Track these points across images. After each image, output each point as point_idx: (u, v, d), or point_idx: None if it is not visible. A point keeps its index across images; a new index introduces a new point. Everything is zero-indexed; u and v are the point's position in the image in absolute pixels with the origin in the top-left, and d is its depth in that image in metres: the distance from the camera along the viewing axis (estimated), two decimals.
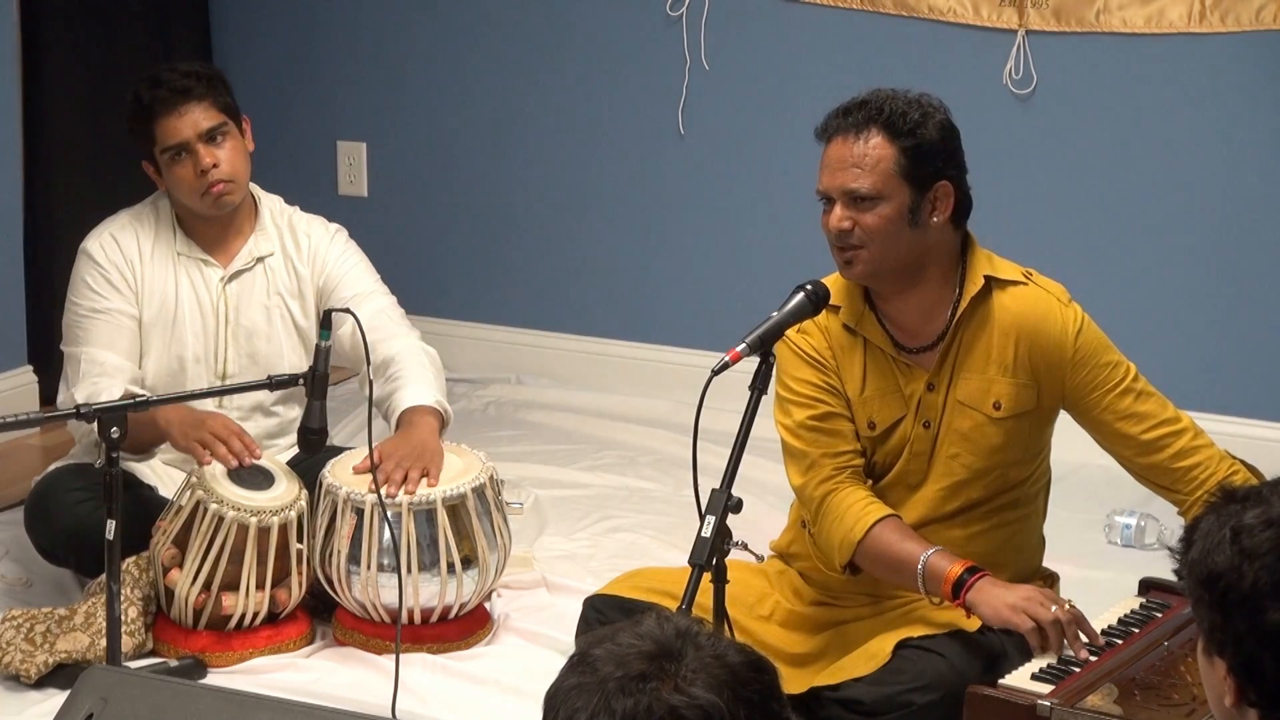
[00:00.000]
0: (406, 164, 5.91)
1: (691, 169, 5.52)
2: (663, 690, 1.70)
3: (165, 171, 4.01)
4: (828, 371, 3.30)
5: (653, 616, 1.79)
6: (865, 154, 3.16)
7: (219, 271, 4.09)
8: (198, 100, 3.99)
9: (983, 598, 3.13)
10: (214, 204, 4.01)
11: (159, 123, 3.98)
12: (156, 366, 4.04)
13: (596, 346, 5.74)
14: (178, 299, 4.06)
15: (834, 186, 3.19)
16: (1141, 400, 3.25)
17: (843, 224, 3.18)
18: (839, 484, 3.27)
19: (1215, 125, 4.90)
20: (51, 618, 3.75)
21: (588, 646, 1.77)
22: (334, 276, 4.12)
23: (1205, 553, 1.91)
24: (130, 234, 4.08)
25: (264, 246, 4.11)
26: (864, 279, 3.23)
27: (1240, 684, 1.89)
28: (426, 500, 3.77)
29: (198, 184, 3.98)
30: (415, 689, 3.63)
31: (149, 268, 4.06)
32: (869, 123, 3.18)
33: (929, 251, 3.22)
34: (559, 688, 1.75)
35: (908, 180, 3.17)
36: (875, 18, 5.20)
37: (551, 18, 5.63)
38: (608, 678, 1.72)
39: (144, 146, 4.04)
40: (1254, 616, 1.86)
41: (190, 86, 3.99)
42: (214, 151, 3.98)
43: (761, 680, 1.75)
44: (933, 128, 3.20)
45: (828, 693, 3.22)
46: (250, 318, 4.09)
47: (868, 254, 3.18)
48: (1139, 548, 4.48)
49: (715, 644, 1.76)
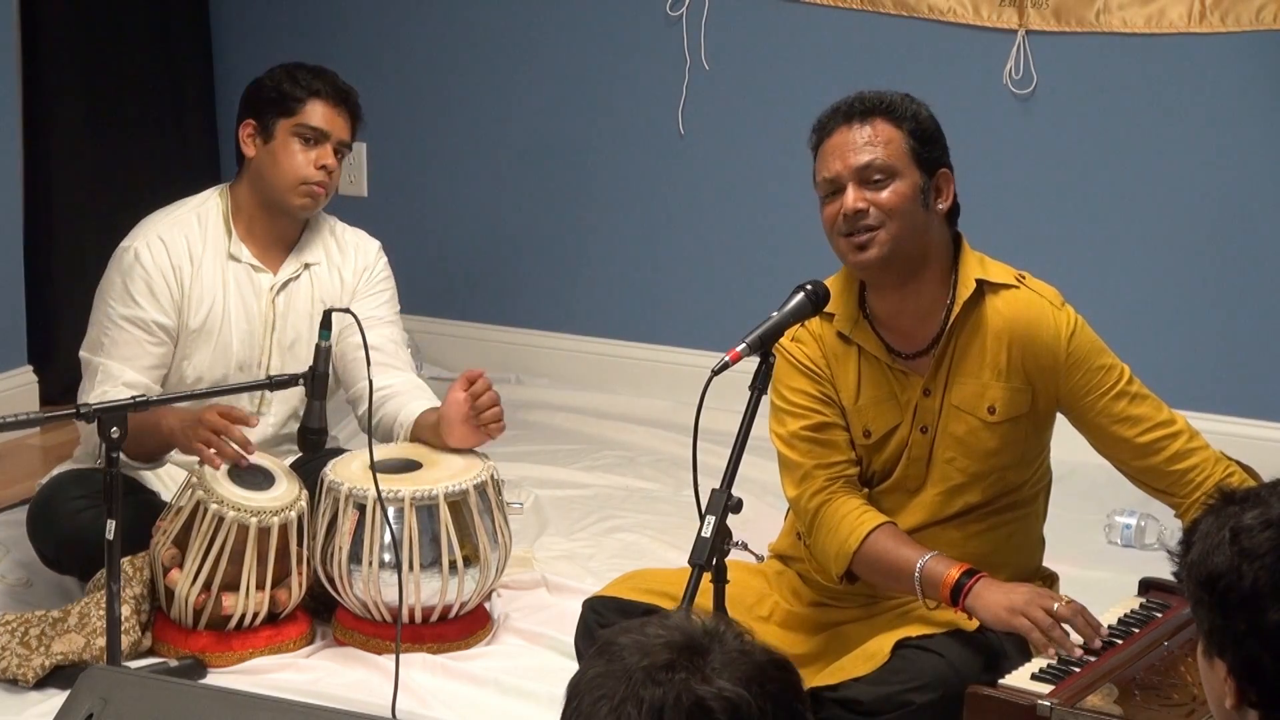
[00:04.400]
0: (406, 164, 5.92)
1: (691, 169, 5.52)
2: (691, 681, 1.70)
3: (280, 145, 4.00)
4: (822, 381, 3.29)
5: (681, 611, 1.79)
6: (875, 134, 3.17)
7: (269, 279, 4.07)
8: (351, 113, 4.09)
9: (981, 602, 3.13)
10: (305, 200, 4.02)
11: (313, 102, 4.02)
12: (199, 373, 4.01)
13: (596, 346, 5.74)
14: (226, 306, 4.03)
15: (845, 168, 3.16)
16: (1136, 403, 3.24)
17: (858, 204, 3.14)
18: (833, 494, 3.26)
19: (1215, 125, 4.90)
20: (45, 620, 3.74)
21: (614, 636, 1.77)
22: (367, 290, 4.13)
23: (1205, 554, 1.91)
24: (180, 237, 4.02)
25: (311, 253, 4.11)
26: (877, 265, 3.17)
27: (1240, 685, 1.89)
28: (429, 495, 3.77)
29: (306, 173, 3.99)
30: (415, 689, 3.63)
31: (198, 273, 4.01)
32: (869, 112, 3.18)
33: (932, 244, 3.21)
34: (583, 676, 1.75)
35: (916, 161, 3.18)
36: (875, 18, 5.20)
37: (551, 18, 5.63)
38: (634, 667, 1.71)
39: (270, 112, 4.02)
40: (1254, 617, 1.86)
41: (351, 97, 4.10)
42: (336, 161, 4.04)
43: (786, 679, 1.75)
44: (928, 118, 3.22)
45: (827, 693, 3.22)
46: (295, 326, 4.08)
47: (884, 234, 3.15)
48: (1139, 548, 4.48)
49: (742, 641, 1.75)
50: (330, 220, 4.20)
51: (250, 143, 4.04)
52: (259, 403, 4.09)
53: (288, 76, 4.06)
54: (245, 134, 4.05)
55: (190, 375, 4.01)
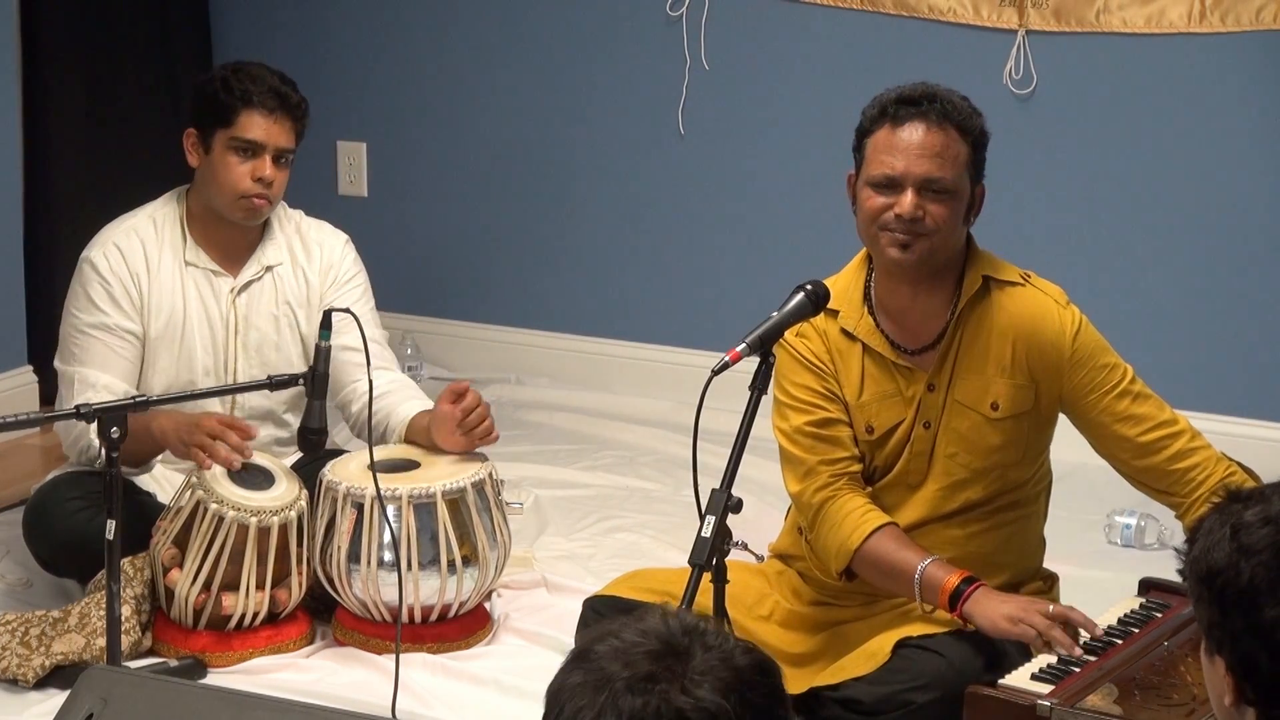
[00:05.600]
0: (406, 164, 5.91)
1: (691, 169, 5.52)
2: (670, 692, 1.69)
3: (218, 157, 3.94)
4: (826, 377, 3.30)
5: (657, 612, 1.78)
6: (948, 145, 3.18)
7: (229, 282, 4.05)
8: (290, 116, 3.98)
9: (979, 610, 3.13)
10: (245, 213, 3.98)
11: (246, 112, 3.93)
12: (166, 381, 4.00)
13: (596, 346, 5.74)
14: (186, 312, 4.02)
15: (913, 173, 3.17)
16: (1139, 402, 3.25)
17: (917, 211, 3.17)
18: (836, 491, 3.27)
19: (1215, 125, 4.90)
20: (46, 620, 3.74)
21: (590, 643, 1.76)
22: (336, 289, 4.10)
23: (1205, 550, 1.91)
24: (135, 243, 4.01)
25: (273, 255, 4.08)
26: (913, 266, 3.21)
27: (1238, 682, 1.89)
28: (426, 493, 3.77)
29: (244, 187, 3.94)
30: (415, 689, 3.63)
31: (156, 280, 4.00)
32: (945, 117, 3.19)
33: (958, 249, 3.25)
34: (562, 684, 1.74)
35: (970, 176, 3.22)
36: (875, 18, 5.20)
37: (551, 18, 5.63)
38: (614, 676, 1.71)
39: (207, 122, 3.95)
40: (1251, 613, 1.86)
41: (290, 99, 3.97)
42: (276, 170, 3.96)
43: (768, 683, 1.75)
44: (983, 130, 3.25)
45: (827, 693, 3.22)
46: (260, 328, 4.06)
47: (929, 243, 3.18)
48: (1139, 548, 4.48)
49: (723, 643, 1.75)
50: (295, 217, 4.15)
51: (194, 152, 4.00)
52: (230, 406, 4.08)
53: (223, 84, 3.95)
54: (189, 143, 4.00)
55: (157, 384, 3.99)
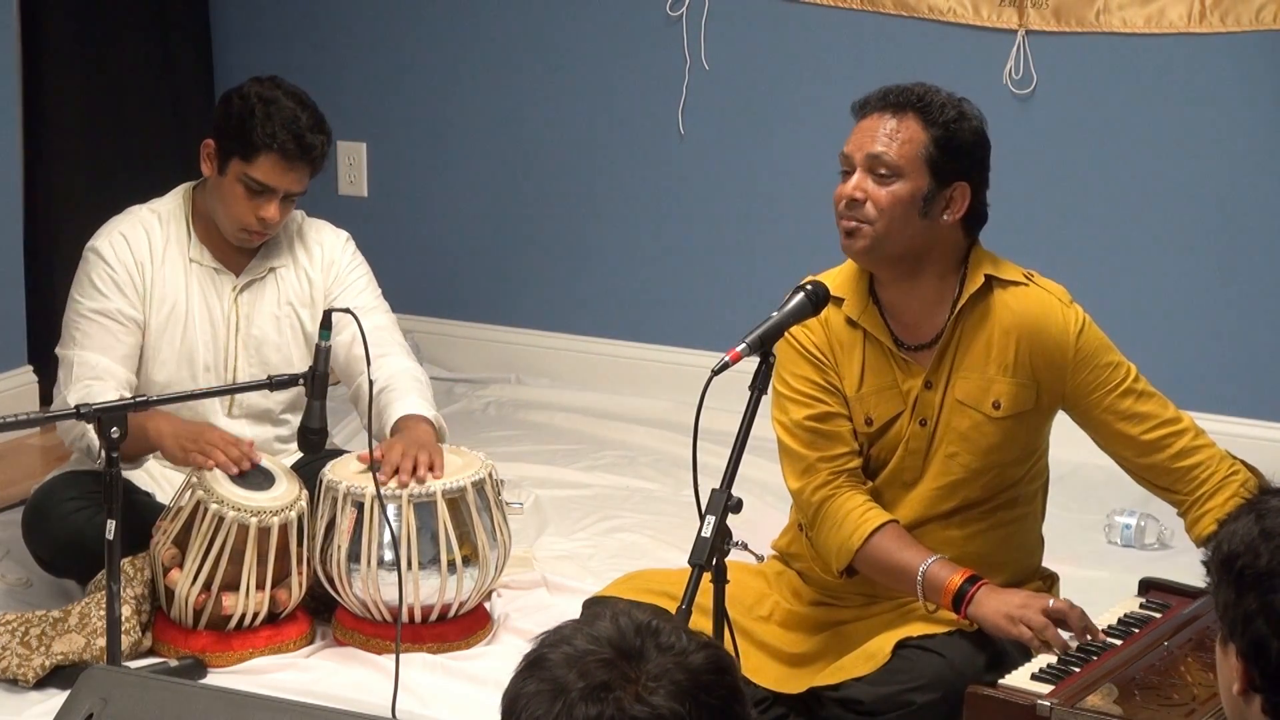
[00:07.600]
0: (406, 164, 5.91)
1: (691, 169, 5.52)
2: (625, 699, 1.68)
3: (229, 185, 3.93)
4: (826, 369, 3.30)
5: (608, 614, 1.76)
6: (898, 129, 3.18)
7: (231, 280, 4.06)
8: (308, 166, 3.97)
9: (983, 610, 3.14)
10: (240, 240, 4.01)
11: (267, 156, 3.90)
12: (166, 374, 4.01)
13: (596, 346, 5.74)
14: (188, 307, 4.03)
15: (858, 150, 3.19)
16: (1142, 401, 3.25)
17: (855, 193, 3.17)
18: (837, 489, 3.27)
19: (1215, 125, 4.90)
20: (46, 620, 3.74)
21: (543, 649, 1.75)
22: (339, 285, 4.11)
23: (1228, 535, 1.93)
24: (141, 234, 4.03)
25: (275, 258, 4.09)
26: (863, 255, 3.22)
27: (1247, 668, 1.90)
28: (426, 493, 3.77)
29: (245, 221, 3.95)
30: (415, 689, 3.63)
31: (159, 271, 4.02)
32: (907, 106, 3.20)
33: (932, 248, 3.22)
34: (518, 692, 1.73)
35: (930, 168, 3.19)
36: (875, 18, 5.20)
37: (551, 18, 5.63)
38: (570, 685, 1.70)
39: (228, 145, 3.93)
40: (1265, 596, 1.87)
41: (313, 150, 3.94)
42: (281, 208, 3.96)
43: (724, 683, 1.73)
44: (967, 130, 3.23)
45: (827, 693, 3.22)
46: (261, 327, 4.07)
47: (871, 230, 3.18)
48: (1139, 548, 4.48)
49: (677, 642, 1.73)
50: (296, 218, 4.15)
51: (208, 163, 3.99)
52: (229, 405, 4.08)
53: (251, 111, 3.92)
54: (205, 153, 3.99)
55: (158, 379, 4.00)
